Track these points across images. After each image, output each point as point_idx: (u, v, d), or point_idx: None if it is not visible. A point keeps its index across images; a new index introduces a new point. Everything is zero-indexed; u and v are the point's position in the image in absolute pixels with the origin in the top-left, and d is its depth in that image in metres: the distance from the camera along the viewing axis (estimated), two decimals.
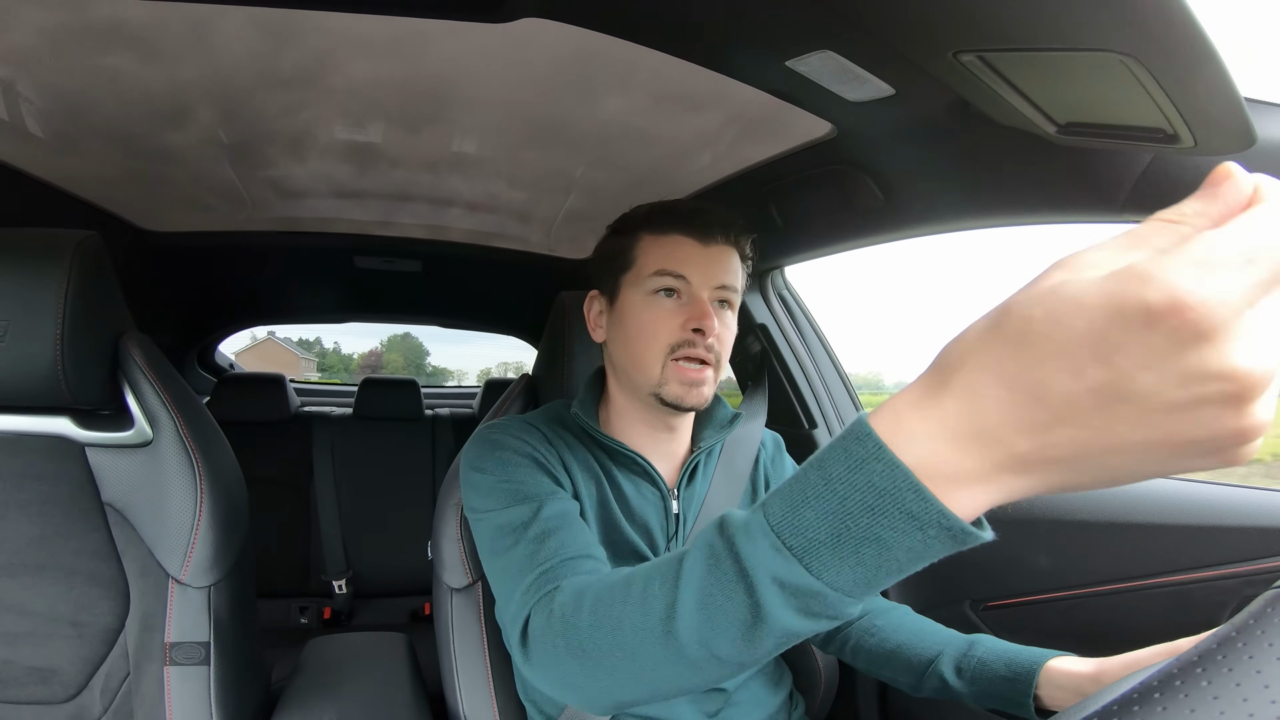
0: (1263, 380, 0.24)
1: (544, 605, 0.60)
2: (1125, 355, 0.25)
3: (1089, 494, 0.98)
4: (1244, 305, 0.24)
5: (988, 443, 0.29)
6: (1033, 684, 0.68)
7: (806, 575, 0.36)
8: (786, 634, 0.40)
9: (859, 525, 0.33)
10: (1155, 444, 0.26)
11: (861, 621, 0.87)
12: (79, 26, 0.87)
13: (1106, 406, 0.26)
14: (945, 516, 0.31)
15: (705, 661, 0.45)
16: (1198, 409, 0.25)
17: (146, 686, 0.86)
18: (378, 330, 5.68)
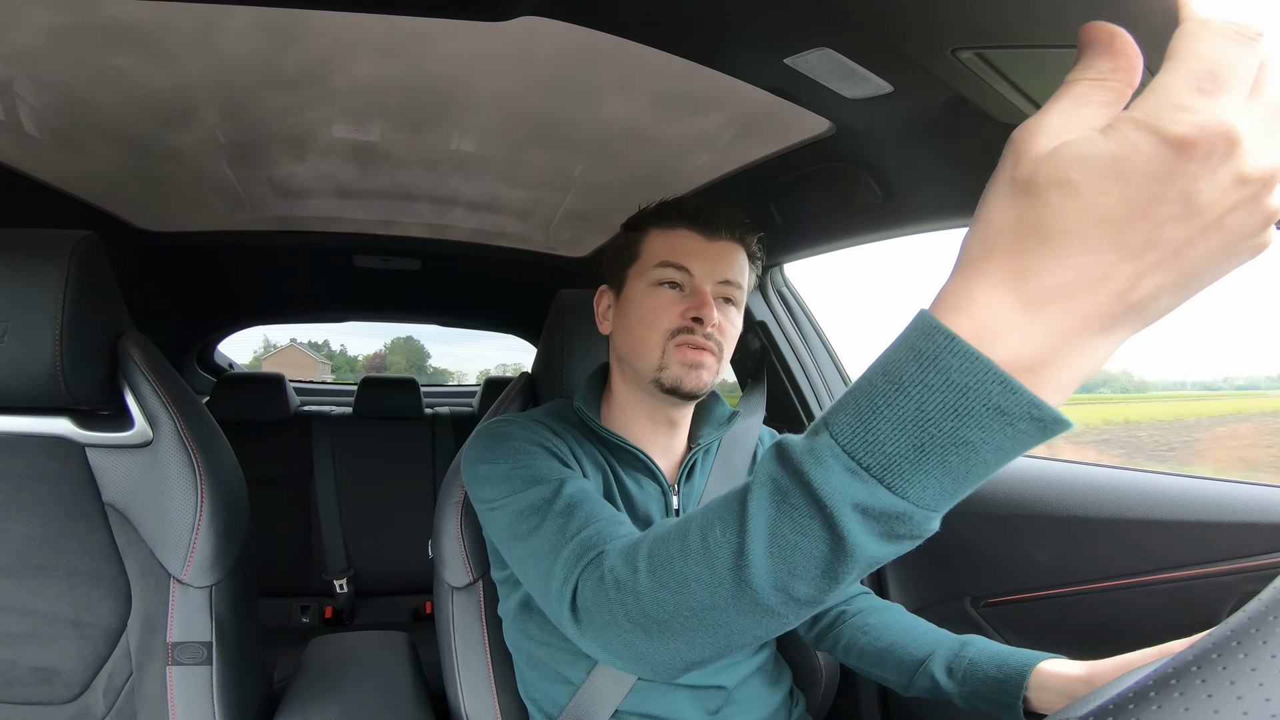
0: (1274, 176, 0.28)
1: (592, 573, 0.56)
2: (1177, 185, 0.27)
3: (1089, 490, 0.98)
4: (1242, 115, 0.27)
5: (1075, 314, 0.29)
6: (1023, 686, 0.68)
7: (891, 496, 0.33)
8: (872, 563, 0.37)
9: (942, 430, 0.31)
10: (1213, 253, 0.29)
11: (855, 620, 0.87)
12: (84, 27, 0.88)
13: (1173, 233, 0.28)
14: (1036, 406, 0.29)
15: (783, 606, 0.42)
16: (1238, 212, 0.28)
17: (149, 686, 0.86)
18: (382, 333, 5.71)
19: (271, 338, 4.29)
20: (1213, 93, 0.27)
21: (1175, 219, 0.28)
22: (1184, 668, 0.24)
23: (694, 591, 0.46)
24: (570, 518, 0.65)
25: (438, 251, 1.98)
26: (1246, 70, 0.27)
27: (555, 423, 0.84)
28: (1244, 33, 0.27)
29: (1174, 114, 0.27)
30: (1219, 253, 0.29)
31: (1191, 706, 0.23)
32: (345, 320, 2.94)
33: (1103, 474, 1.01)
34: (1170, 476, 0.95)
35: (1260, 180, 0.27)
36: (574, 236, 1.83)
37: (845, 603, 0.90)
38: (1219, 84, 0.27)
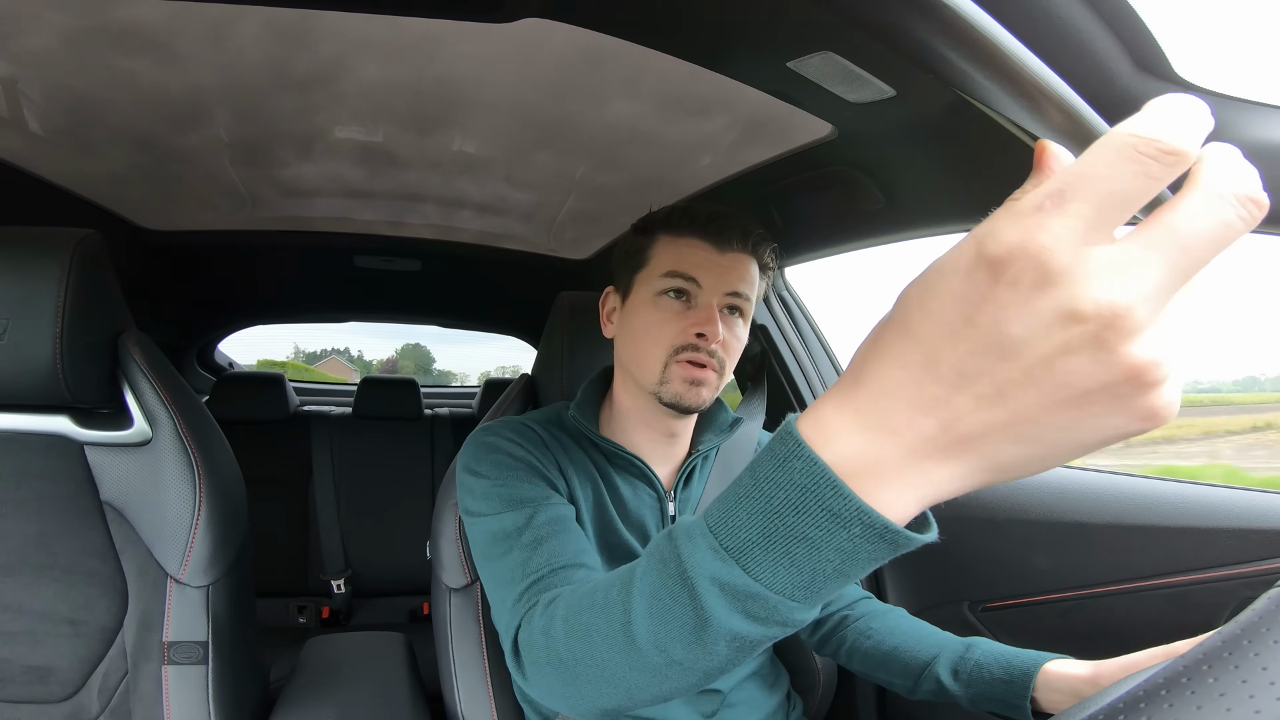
0: (1121, 315, 0.23)
1: (530, 617, 0.60)
2: (986, 311, 0.25)
3: (1088, 495, 0.98)
4: (1077, 241, 0.24)
5: (896, 429, 0.29)
6: (1030, 686, 0.68)
7: (744, 576, 0.35)
8: (736, 638, 0.39)
9: (786, 524, 0.32)
10: (1054, 406, 0.25)
11: (857, 624, 0.87)
12: (97, 30, 0.88)
13: (989, 368, 0.26)
14: (866, 514, 0.30)
15: (667, 667, 0.44)
16: (1071, 356, 0.24)
17: (144, 686, 0.86)
18: (393, 335, 5.70)
19: (302, 344, 4.34)
20: (1048, 210, 0.24)
21: (988, 350, 0.26)
22: (1195, 666, 0.24)
23: (595, 642, 0.49)
24: (534, 552, 0.67)
25: (439, 252, 1.98)
26: (1113, 192, 0.24)
27: (550, 430, 0.84)
28: (1143, 149, 0.23)
29: (997, 228, 0.25)
30: (1065, 406, 0.25)
31: (1204, 705, 0.23)
32: (346, 320, 2.94)
33: (1101, 479, 1.01)
34: (1169, 482, 0.95)
35: (1096, 319, 0.23)
36: (576, 238, 1.83)
37: (848, 607, 0.90)
38: (1061, 202, 0.24)
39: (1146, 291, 0.24)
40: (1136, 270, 0.24)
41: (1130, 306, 0.23)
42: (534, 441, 0.80)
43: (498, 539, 0.70)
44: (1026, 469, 0.28)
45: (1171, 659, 0.25)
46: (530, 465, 0.77)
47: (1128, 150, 0.24)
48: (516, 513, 0.71)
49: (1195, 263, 0.24)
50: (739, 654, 0.41)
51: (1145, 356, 0.24)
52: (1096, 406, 0.25)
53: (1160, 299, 0.24)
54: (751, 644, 0.40)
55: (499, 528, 0.71)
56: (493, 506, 0.73)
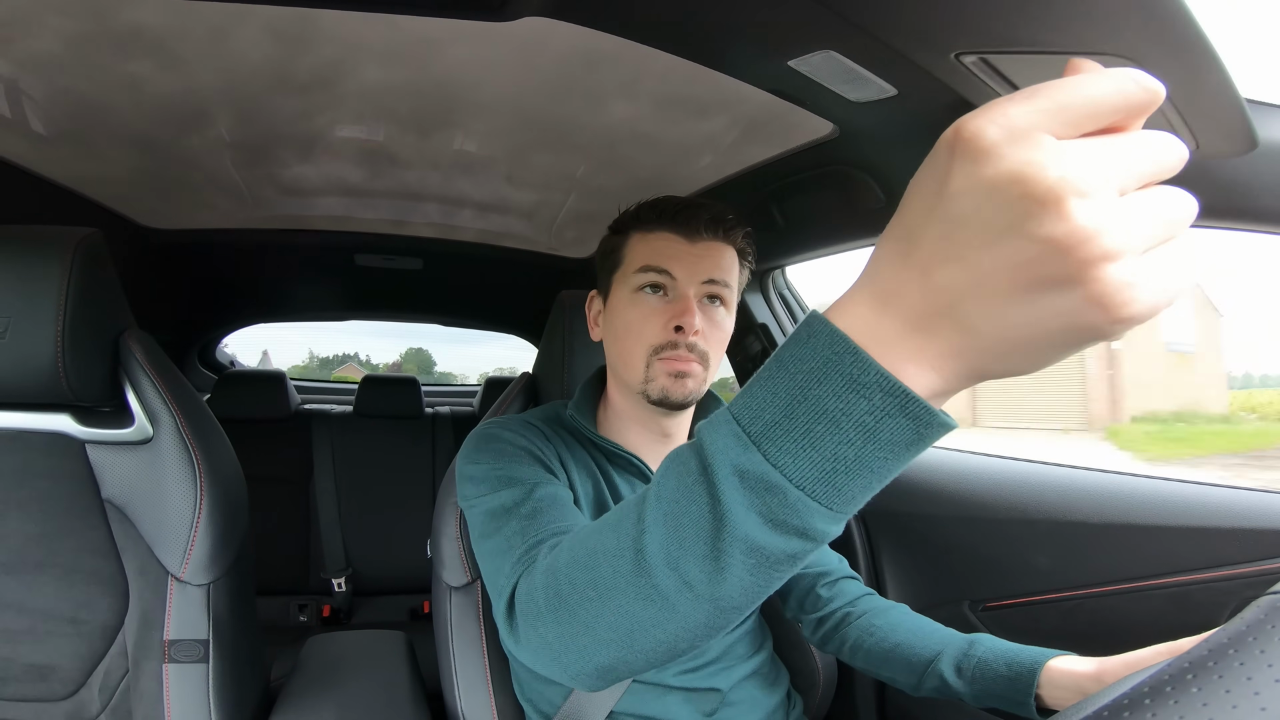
0: (1055, 182, 0.25)
1: (530, 569, 0.57)
2: (946, 185, 0.28)
3: (1089, 494, 0.98)
4: (1026, 125, 0.26)
5: (892, 300, 0.31)
6: (1034, 683, 0.68)
7: (764, 463, 0.34)
8: (753, 549, 0.36)
9: (808, 399, 0.32)
10: (1009, 275, 0.27)
11: (860, 621, 0.87)
12: (100, 34, 0.89)
13: (951, 235, 0.28)
14: (885, 378, 0.30)
15: (677, 593, 0.41)
16: (1010, 225, 0.26)
17: (145, 684, 0.86)
18: (397, 335, 5.75)
19: (317, 350, 4.37)
20: (1014, 100, 0.27)
21: (948, 220, 0.28)
22: (1200, 663, 0.24)
23: (600, 566, 0.46)
24: (533, 520, 0.65)
25: (440, 251, 1.98)
26: (1085, 95, 0.26)
27: (548, 427, 0.84)
28: (1137, 77, 0.26)
29: (968, 115, 0.27)
30: (1018, 278, 0.27)
31: (1210, 702, 0.23)
32: (347, 319, 2.93)
33: (1103, 479, 1.01)
34: (1170, 481, 0.95)
35: (1022, 184, 0.25)
36: (577, 237, 1.83)
37: (850, 604, 0.90)
38: (1030, 96, 0.26)
39: (1084, 164, 0.25)
40: (1076, 148, 0.26)
41: (1064, 177, 0.25)
42: (535, 434, 0.80)
43: (495, 515, 0.69)
44: (1007, 359, 0.29)
45: (1176, 656, 0.25)
46: (530, 453, 0.77)
47: (1121, 73, 0.26)
48: (514, 489, 0.70)
49: (1094, 121, 0.27)
50: (750, 578, 0.38)
51: (1082, 223, 0.25)
52: (1046, 281, 0.26)
53: (1105, 177, 0.26)
54: (770, 562, 0.37)
55: (496, 504, 0.69)
56: (490, 486, 0.72)
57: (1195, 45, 0.51)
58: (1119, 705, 0.24)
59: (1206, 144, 0.65)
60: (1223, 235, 0.77)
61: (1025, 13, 0.57)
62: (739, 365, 1.55)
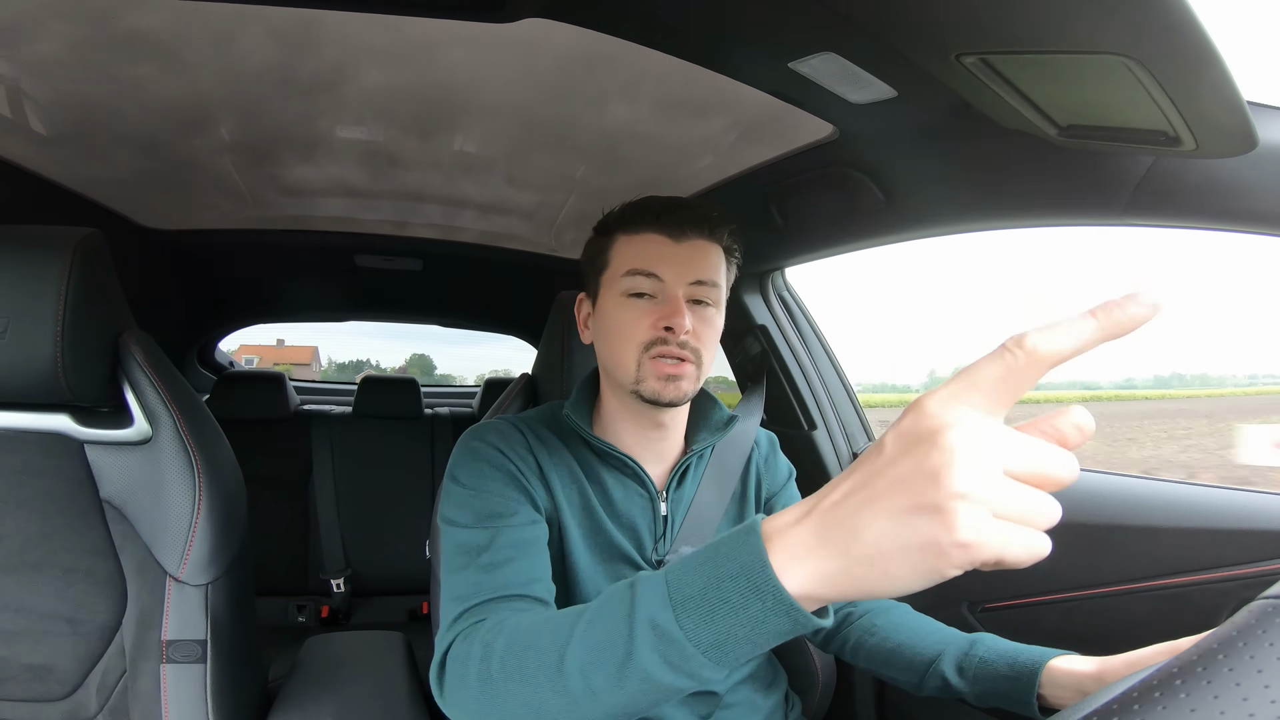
0: (944, 449, 0.34)
1: (470, 634, 0.61)
2: (883, 443, 0.37)
3: (1088, 496, 0.98)
4: (947, 401, 0.35)
5: (818, 513, 0.39)
6: (1036, 683, 0.68)
7: (673, 623, 0.43)
8: (647, 679, 0.45)
9: (720, 588, 0.42)
10: (895, 500, 0.35)
11: (861, 620, 0.87)
12: (104, 37, 0.89)
13: (872, 477, 0.37)
14: (779, 591, 0.39)
15: (582, 694, 0.49)
16: (910, 452, 0.35)
17: (143, 684, 0.86)
18: (403, 340, 5.76)
19: (333, 355, 4.43)
20: (947, 384, 0.36)
21: (875, 472, 0.37)
22: (1189, 667, 0.24)
23: (528, 659, 0.53)
24: (490, 575, 0.68)
25: (440, 252, 1.98)
26: (987, 375, 0.34)
27: (538, 431, 0.84)
28: (1008, 344, 0.34)
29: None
30: (896, 503, 0.35)
31: (1198, 708, 0.23)
32: (346, 320, 2.93)
33: (1102, 480, 1.00)
34: (1169, 483, 0.95)
35: (924, 451, 0.34)
36: (576, 239, 1.83)
37: (850, 604, 0.90)
38: (955, 378, 0.36)
39: (971, 441, 0.34)
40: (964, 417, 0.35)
41: (957, 458, 0.33)
42: (518, 445, 0.80)
43: (461, 551, 0.71)
44: (875, 569, 0.36)
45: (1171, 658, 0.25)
46: (507, 473, 0.77)
47: (1000, 347, 0.34)
48: (482, 530, 0.71)
49: (989, 397, 0.35)
50: (642, 696, 0.47)
51: (953, 469, 0.34)
52: (917, 506, 0.34)
53: (992, 458, 0.34)
54: (657, 689, 0.46)
55: (464, 541, 0.71)
56: (463, 517, 0.73)
57: (1196, 44, 0.51)
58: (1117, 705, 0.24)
59: (1206, 144, 0.65)
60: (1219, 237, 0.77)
61: (1025, 13, 0.57)
62: (738, 366, 1.55)
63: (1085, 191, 0.81)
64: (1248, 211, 0.71)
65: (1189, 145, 0.65)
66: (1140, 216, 0.79)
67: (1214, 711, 0.23)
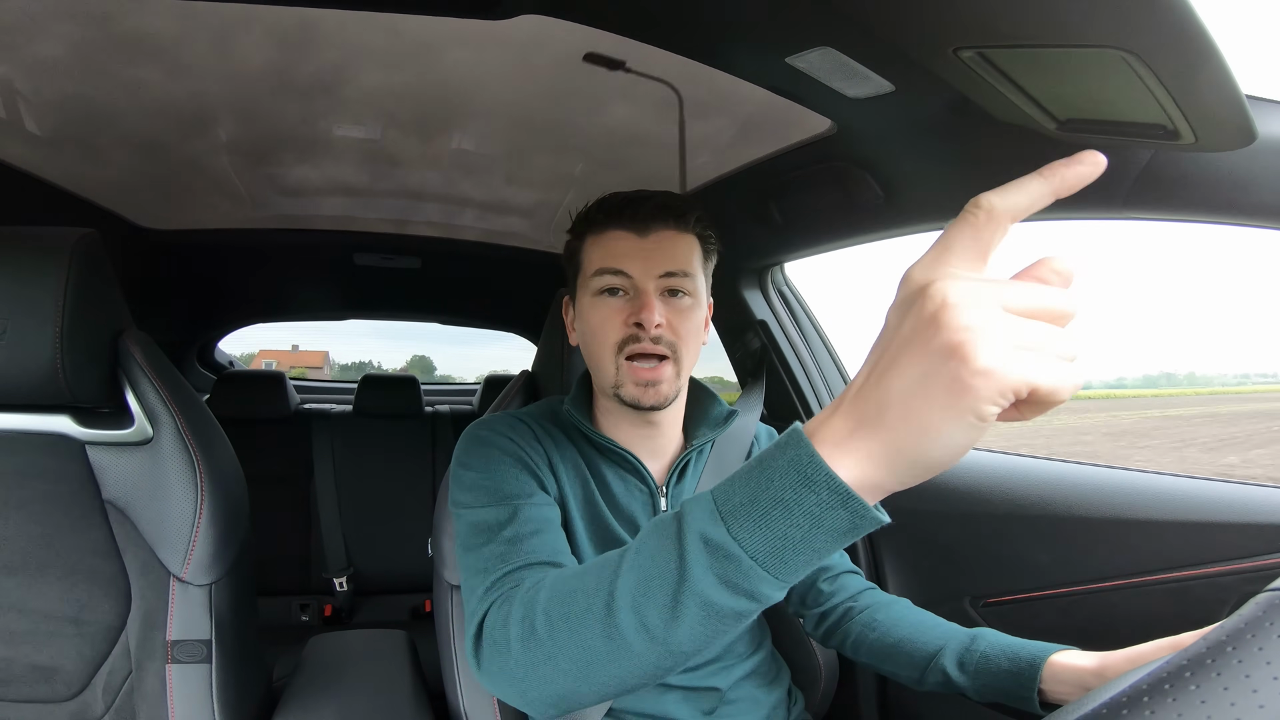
0: (945, 299, 0.34)
1: (506, 600, 0.60)
2: (893, 322, 0.37)
3: (1089, 490, 0.98)
4: (934, 264, 0.36)
5: (851, 402, 0.38)
6: (1037, 678, 0.68)
7: (727, 535, 0.41)
8: (706, 604, 0.43)
9: (770, 489, 0.39)
10: (910, 371, 0.35)
11: (862, 615, 0.87)
12: (105, 39, 0.90)
13: (889, 358, 0.36)
14: (832, 478, 0.37)
15: (635, 633, 0.46)
16: (913, 330, 0.35)
17: (148, 684, 0.86)
18: (403, 340, 5.77)
19: (337, 356, 4.46)
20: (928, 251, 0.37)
21: (888, 346, 0.36)
22: (1199, 659, 0.24)
23: (575, 602, 0.51)
24: (514, 547, 0.66)
25: (439, 250, 1.98)
26: (956, 238, 0.36)
27: (542, 424, 0.84)
28: (968, 207, 0.36)
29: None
30: (916, 372, 0.35)
31: (1209, 699, 0.23)
32: (346, 318, 2.93)
33: (1103, 474, 1.01)
34: (1170, 477, 0.95)
35: (924, 303, 0.34)
36: None
37: (851, 599, 0.90)
38: (935, 245, 0.37)
39: (962, 286, 0.34)
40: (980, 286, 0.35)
41: (950, 299, 0.34)
42: (525, 435, 0.80)
43: (479, 530, 0.69)
44: (918, 436, 0.35)
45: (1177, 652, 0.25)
46: (519, 459, 0.77)
47: (962, 212, 0.36)
48: (501, 507, 0.71)
49: (963, 257, 0.36)
50: (700, 630, 0.44)
51: (950, 306, 0.33)
52: (931, 358, 0.34)
53: (973, 291, 0.34)
54: (715, 617, 0.43)
55: (482, 519, 0.70)
56: (478, 499, 0.72)
57: (1195, 38, 0.51)
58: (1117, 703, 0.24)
59: (1204, 137, 0.65)
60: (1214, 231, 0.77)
61: (1023, 7, 0.57)
62: (738, 361, 1.55)
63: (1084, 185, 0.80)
64: (1247, 205, 0.71)
65: (1188, 139, 0.65)
66: (1139, 210, 0.78)
67: (1224, 703, 0.23)
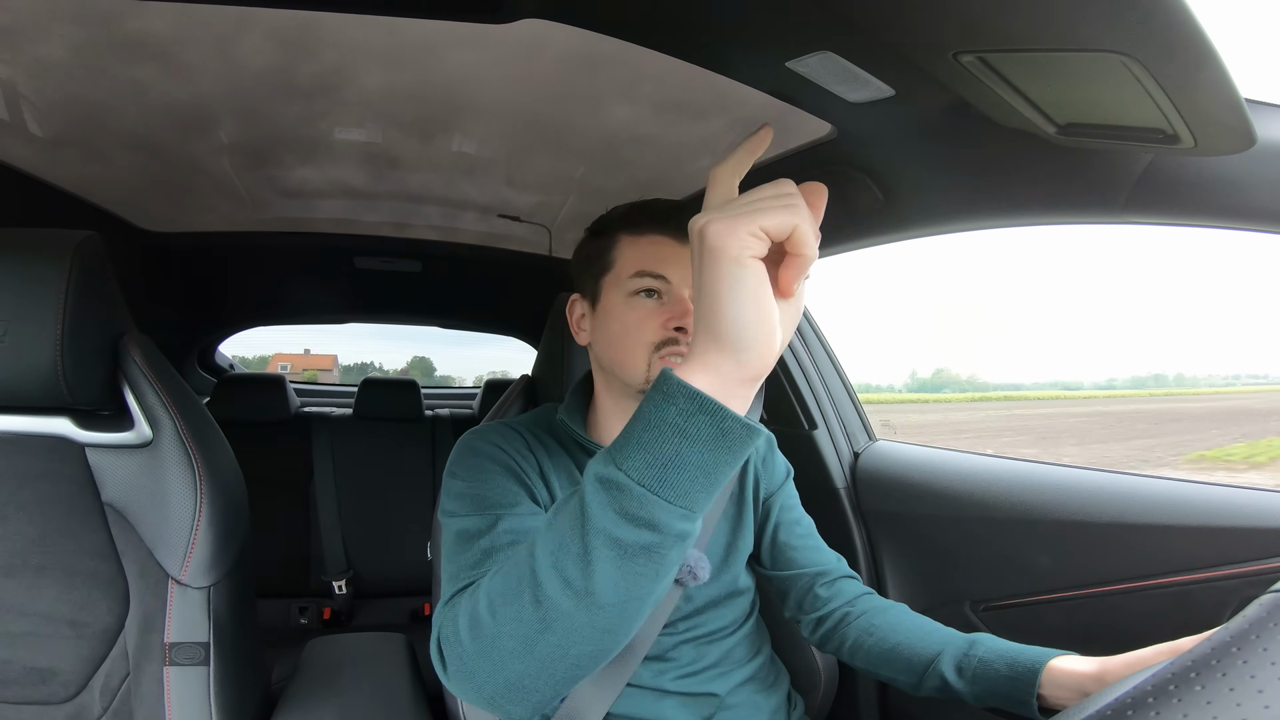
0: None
1: (454, 602, 0.60)
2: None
3: (1089, 494, 0.98)
4: (721, 213, 0.45)
5: (690, 342, 0.46)
6: (1035, 683, 0.68)
7: (614, 469, 0.44)
8: (612, 542, 0.45)
9: (641, 417, 0.45)
10: (698, 275, 0.45)
11: (859, 620, 0.87)
12: (106, 41, 0.90)
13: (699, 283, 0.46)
14: (683, 385, 0.43)
15: (559, 591, 0.48)
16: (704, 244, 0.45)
17: (146, 687, 0.86)
18: (404, 340, 5.78)
19: (343, 360, 4.57)
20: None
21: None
22: (1202, 662, 0.24)
23: (508, 580, 0.52)
24: (486, 559, 0.66)
25: (439, 254, 1.98)
26: (759, 200, 0.45)
27: (535, 433, 0.84)
28: (784, 187, 0.46)
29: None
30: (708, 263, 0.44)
31: (1214, 700, 0.23)
32: (346, 321, 2.93)
33: (1103, 478, 1.00)
34: (1171, 481, 0.95)
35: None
36: (576, 239, 1.82)
37: (849, 603, 0.90)
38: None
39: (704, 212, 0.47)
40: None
41: (697, 221, 0.46)
42: (517, 444, 0.80)
43: (460, 538, 0.70)
44: (726, 323, 0.43)
45: (1178, 655, 0.25)
46: (508, 468, 0.77)
47: (778, 185, 0.46)
48: (482, 516, 0.71)
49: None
50: (620, 572, 0.46)
51: (697, 225, 0.46)
52: (700, 263, 0.45)
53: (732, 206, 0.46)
54: (628, 553, 0.45)
55: (464, 527, 0.70)
56: (463, 507, 0.73)
57: (1194, 42, 0.51)
58: (1122, 704, 0.24)
59: (1204, 141, 0.65)
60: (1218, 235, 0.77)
61: (1023, 12, 0.57)
62: None
63: (1084, 190, 0.81)
64: (1246, 209, 0.71)
65: (1187, 143, 0.65)
66: (1139, 214, 0.79)
67: (1230, 704, 0.23)
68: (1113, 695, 0.25)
